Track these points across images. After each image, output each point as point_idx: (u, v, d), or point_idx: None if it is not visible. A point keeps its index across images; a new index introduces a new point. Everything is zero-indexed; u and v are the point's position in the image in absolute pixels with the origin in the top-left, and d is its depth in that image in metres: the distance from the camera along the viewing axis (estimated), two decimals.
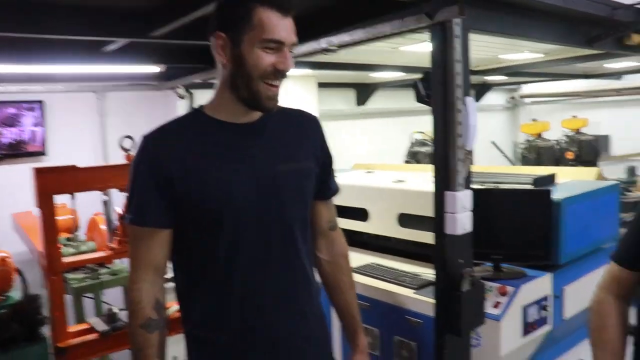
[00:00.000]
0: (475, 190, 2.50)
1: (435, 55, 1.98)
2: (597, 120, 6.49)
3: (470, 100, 1.98)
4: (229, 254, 1.49)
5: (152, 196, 1.46)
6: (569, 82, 6.51)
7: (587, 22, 2.76)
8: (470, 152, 2.04)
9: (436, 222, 2.10)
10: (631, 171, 5.22)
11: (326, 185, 1.73)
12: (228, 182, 1.47)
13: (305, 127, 1.67)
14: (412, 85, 2.09)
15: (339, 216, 3.38)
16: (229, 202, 1.47)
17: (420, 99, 2.05)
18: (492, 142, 5.60)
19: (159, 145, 1.49)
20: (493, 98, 7.21)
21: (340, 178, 3.70)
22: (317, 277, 1.86)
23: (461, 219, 2.04)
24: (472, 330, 2.25)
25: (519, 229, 2.58)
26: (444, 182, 2.03)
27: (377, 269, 2.98)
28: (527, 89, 7.37)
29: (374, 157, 5.18)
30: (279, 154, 1.55)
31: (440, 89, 1.97)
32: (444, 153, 2.01)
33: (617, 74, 5.96)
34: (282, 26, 1.40)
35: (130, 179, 1.51)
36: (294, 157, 1.58)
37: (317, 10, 2.50)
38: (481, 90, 6.74)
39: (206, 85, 4.35)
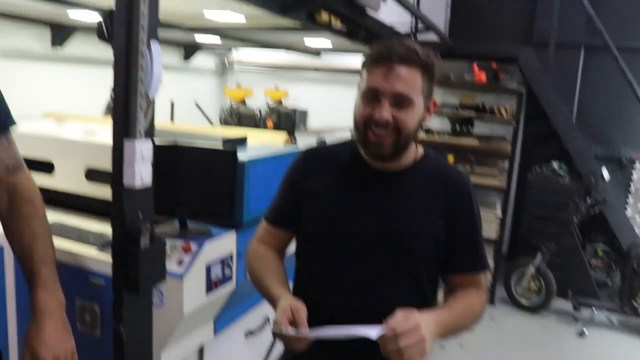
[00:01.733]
0: (162, 147, 2.43)
1: None
2: (298, 95, 7.00)
3: (155, 44, 1.87)
4: None
5: None
6: (275, 54, 6.86)
7: None
8: (152, 102, 1.93)
9: (114, 173, 1.94)
10: (322, 143, 5.76)
11: None
12: None
13: None
14: (97, 25, 1.89)
15: None
16: None
17: (102, 36, 1.86)
18: (196, 103, 5.60)
19: None
20: (203, 60, 7.20)
21: (24, 126, 3.31)
22: None
23: (140, 170, 1.93)
24: (153, 288, 2.18)
25: (205, 187, 2.59)
26: (123, 130, 1.89)
27: (60, 228, 2.74)
28: (236, 55, 7.54)
29: (71, 107, 4.71)
30: None
31: (125, 28, 1.81)
32: (124, 99, 1.86)
33: (315, 52, 6.50)
34: None
35: None
36: None
37: None
38: (190, 50, 6.65)
39: None
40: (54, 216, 2.92)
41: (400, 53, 1.40)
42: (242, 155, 2.73)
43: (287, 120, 6.37)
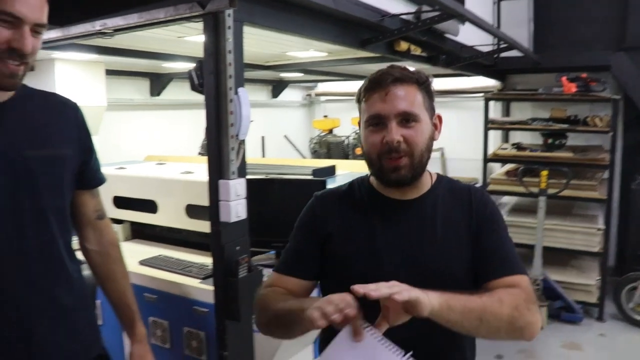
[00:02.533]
0: (255, 181, 2.60)
1: (208, 44, 2.00)
2: None
3: (242, 91, 2.04)
4: None
5: None
6: (358, 83, 7.01)
7: (358, 26, 3.00)
8: (243, 142, 2.10)
9: (211, 210, 2.12)
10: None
11: (91, 173, 1.68)
12: None
13: (63, 112, 1.59)
14: (187, 75, 2.09)
15: (129, 208, 3.31)
16: None
17: (194, 87, 2.06)
18: (285, 136, 5.83)
19: None
20: (290, 95, 7.49)
21: (130, 169, 3.59)
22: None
23: (235, 206, 2.09)
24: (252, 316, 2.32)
25: (296, 217, 2.72)
26: (217, 170, 2.07)
27: (165, 261, 2.96)
28: (322, 87, 7.78)
29: (169, 149, 5.08)
30: (30, 138, 1.46)
31: (213, 79, 2.00)
32: (217, 142, 2.04)
33: None
34: (23, 1, 1.30)
35: None
36: (48, 143, 1.50)
37: None
38: (279, 86, 6.96)
39: None
40: (159, 250, 3.17)
41: (393, 75, 1.39)
42: (331, 184, 2.84)
43: (338, 149, 6.47)
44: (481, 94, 5.98)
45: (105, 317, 2.20)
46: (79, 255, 1.74)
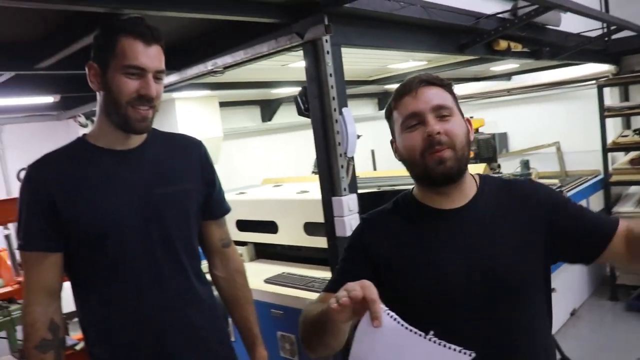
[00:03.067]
0: (367, 194, 2.68)
1: (309, 70, 2.13)
2: (494, 120, 6.91)
3: (346, 110, 2.14)
4: (114, 274, 1.57)
5: (37, 222, 1.53)
6: (463, 86, 6.91)
7: (455, 31, 3.01)
8: (352, 159, 2.19)
9: (327, 227, 2.23)
10: (525, 164, 5.59)
11: (215, 204, 1.82)
12: (108, 206, 1.55)
13: (188, 150, 1.76)
14: (294, 99, 2.23)
15: (252, 231, 3.52)
16: (110, 226, 1.54)
17: (300, 112, 2.19)
18: None
19: (41, 173, 1.56)
20: None
21: (250, 194, 3.80)
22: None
23: (349, 221, 2.18)
24: None
25: None
26: (330, 188, 2.17)
27: (288, 278, 3.11)
28: None
29: (284, 170, 5.31)
30: (158, 177, 1.64)
31: (317, 102, 2.12)
32: (327, 162, 2.15)
33: (504, 76, 6.41)
34: (144, 54, 1.49)
35: (18, 207, 1.58)
36: (172, 180, 1.66)
37: (201, 34, 2.61)
38: (384, 98, 7.02)
39: None
40: (281, 268, 3.34)
41: (420, 78, 1.40)
42: None
43: (487, 146, 6.28)
44: (593, 82, 5.65)
45: (236, 335, 2.36)
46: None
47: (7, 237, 3.28)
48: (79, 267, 1.60)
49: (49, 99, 3.96)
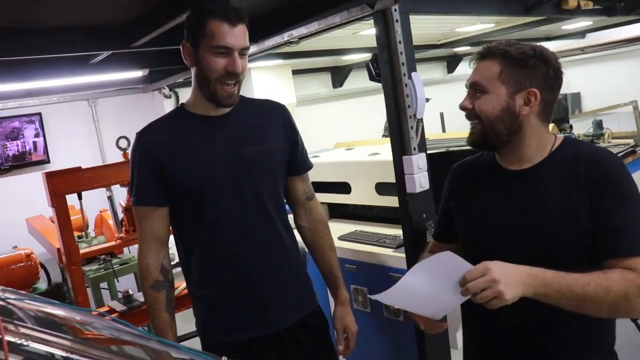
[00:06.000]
0: (435, 155, 2.80)
1: (380, 38, 2.26)
2: (567, 80, 6.72)
3: (415, 75, 2.27)
4: (213, 223, 1.80)
5: (148, 179, 1.78)
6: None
7: None
8: (421, 121, 2.33)
9: (398, 184, 2.39)
10: (598, 125, 5.45)
11: (298, 161, 2.00)
12: (205, 165, 1.77)
13: (273, 114, 1.95)
14: (365, 66, 2.38)
15: (326, 192, 3.71)
16: (208, 181, 1.77)
17: (372, 77, 2.34)
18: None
19: (149, 137, 1.80)
20: (466, 68, 7.40)
21: (323, 157, 3.98)
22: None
23: (418, 178, 2.33)
24: None
25: None
26: (400, 148, 2.33)
27: (361, 235, 3.27)
28: None
29: (355, 134, 5.46)
30: (247, 138, 1.84)
31: (388, 68, 2.26)
32: (397, 123, 2.30)
33: (577, 34, 6.23)
34: (230, 34, 1.67)
35: (130, 168, 1.83)
36: (259, 141, 1.86)
37: (278, 8, 2.80)
38: (453, 61, 7.01)
39: (188, 84, 4.64)
40: (355, 226, 3.52)
41: (482, 52, 1.53)
42: None
43: (558, 107, 6.18)
44: None
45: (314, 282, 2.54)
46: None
47: (109, 198, 3.63)
48: (182, 218, 1.84)
49: (138, 74, 4.29)
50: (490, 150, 1.61)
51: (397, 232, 3.12)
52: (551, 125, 3.96)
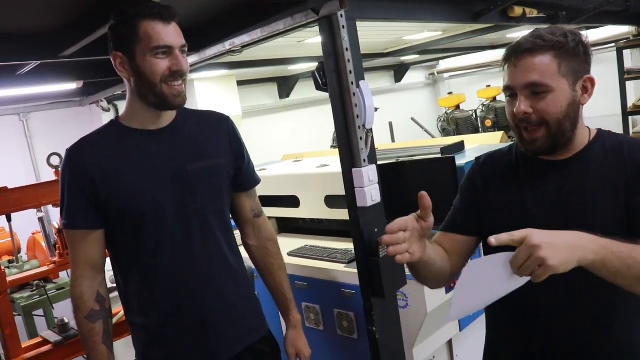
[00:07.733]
0: (386, 166, 2.72)
1: (326, 45, 2.16)
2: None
3: (364, 83, 2.18)
4: (153, 247, 1.66)
5: (79, 201, 1.63)
6: (480, 55, 6.87)
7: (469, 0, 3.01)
8: (370, 131, 2.23)
9: (348, 198, 2.29)
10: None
11: (245, 176, 1.90)
12: (145, 184, 1.63)
13: (216, 126, 1.83)
14: (311, 75, 2.28)
15: (274, 206, 3.60)
16: (147, 202, 1.63)
17: (319, 87, 2.24)
18: (412, 118, 5.88)
19: (80, 155, 1.64)
20: (413, 77, 7.51)
21: (271, 170, 3.87)
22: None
23: (369, 191, 2.24)
24: (397, 292, 2.46)
25: (430, 196, 2.81)
26: (350, 160, 2.23)
27: (311, 250, 3.18)
28: (444, 64, 7.71)
29: (303, 146, 5.37)
30: (189, 153, 1.71)
31: (335, 76, 2.16)
32: (346, 134, 2.20)
33: None
34: (167, 32, 1.56)
35: (60, 188, 1.67)
36: (203, 156, 1.74)
37: (218, 15, 2.66)
38: (400, 70, 7.02)
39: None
40: (304, 241, 3.41)
41: (525, 45, 1.36)
42: (461, 160, 2.88)
43: (505, 115, 6.29)
44: (612, 45, 5.58)
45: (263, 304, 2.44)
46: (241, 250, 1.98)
47: (40, 219, 3.40)
48: (119, 242, 1.70)
49: (72, 86, 4.06)
50: (554, 153, 1.46)
51: (349, 245, 3.05)
52: (501, 133, 3.99)
